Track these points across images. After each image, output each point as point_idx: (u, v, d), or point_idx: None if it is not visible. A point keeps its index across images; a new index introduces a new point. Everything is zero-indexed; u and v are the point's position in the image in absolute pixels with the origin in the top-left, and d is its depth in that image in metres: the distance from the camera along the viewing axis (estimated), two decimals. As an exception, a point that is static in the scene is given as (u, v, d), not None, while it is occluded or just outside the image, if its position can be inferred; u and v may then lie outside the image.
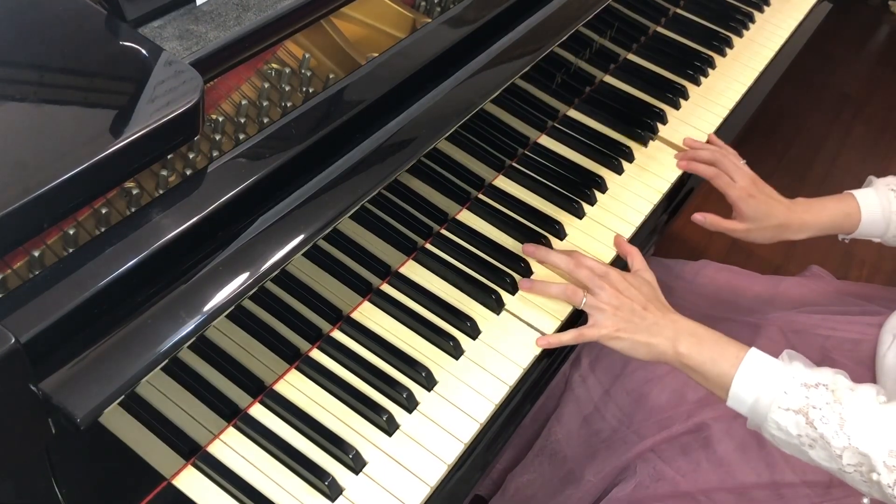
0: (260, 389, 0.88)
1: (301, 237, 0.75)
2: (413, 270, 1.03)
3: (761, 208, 1.14)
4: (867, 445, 0.82)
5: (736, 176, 1.16)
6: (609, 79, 1.36)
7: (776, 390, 0.87)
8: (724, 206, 1.18)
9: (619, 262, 1.11)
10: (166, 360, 0.66)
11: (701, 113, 1.35)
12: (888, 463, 0.81)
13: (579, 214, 1.14)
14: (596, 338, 0.97)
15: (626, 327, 0.96)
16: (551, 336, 0.99)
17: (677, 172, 1.24)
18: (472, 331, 0.98)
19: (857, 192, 1.16)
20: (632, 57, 1.41)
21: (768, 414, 0.87)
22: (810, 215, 1.15)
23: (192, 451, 0.83)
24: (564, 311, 1.02)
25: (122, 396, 0.63)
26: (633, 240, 1.13)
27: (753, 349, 0.91)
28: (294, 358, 0.91)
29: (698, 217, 1.17)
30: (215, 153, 0.79)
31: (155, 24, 0.78)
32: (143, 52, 0.70)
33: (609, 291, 0.98)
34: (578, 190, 1.16)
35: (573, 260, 1.02)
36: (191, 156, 0.77)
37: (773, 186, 1.18)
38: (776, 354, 0.93)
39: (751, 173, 1.17)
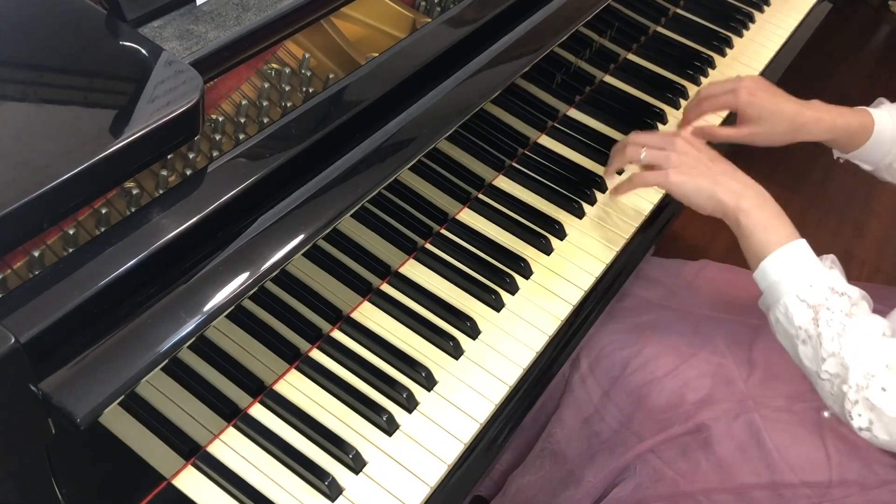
0: (260, 389, 0.88)
1: (301, 237, 0.75)
2: (413, 270, 1.03)
3: (766, 107, 1.10)
4: (851, 359, 0.86)
5: (728, 85, 1.13)
6: (609, 79, 1.36)
7: (803, 281, 0.89)
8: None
9: (621, 261, 1.11)
10: (166, 360, 0.66)
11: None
12: (860, 383, 0.85)
13: (579, 214, 1.14)
14: (659, 180, 1.00)
15: (691, 170, 0.98)
16: (615, 182, 1.08)
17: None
18: (472, 331, 0.98)
19: (871, 109, 1.14)
20: (632, 57, 1.41)
21: (783, 297, 0.90)
22: (828, 115, 1.12)
23: (192, 451, 0.83)
24: (564, 311, 1.02)
25: (122, 396, 0.63)
26: (634, 239, 1.13)
27: (804, 241, 0.93)
28: (294, 358, 0.91)
29: (696, 132, 1.14)
30: (215, 153, 0.79)
31: (155, 24, 0.78)
32: (143, 52, 0.70)
33: (678, 140, 1.00)
34: (578, 190, 1.16)
35: (635, 133, 1.07)
36: (191, 156, 0.77)
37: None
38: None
39: (755, 77, 1.14)
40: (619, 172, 1.16)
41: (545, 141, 1.24)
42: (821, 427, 1.04)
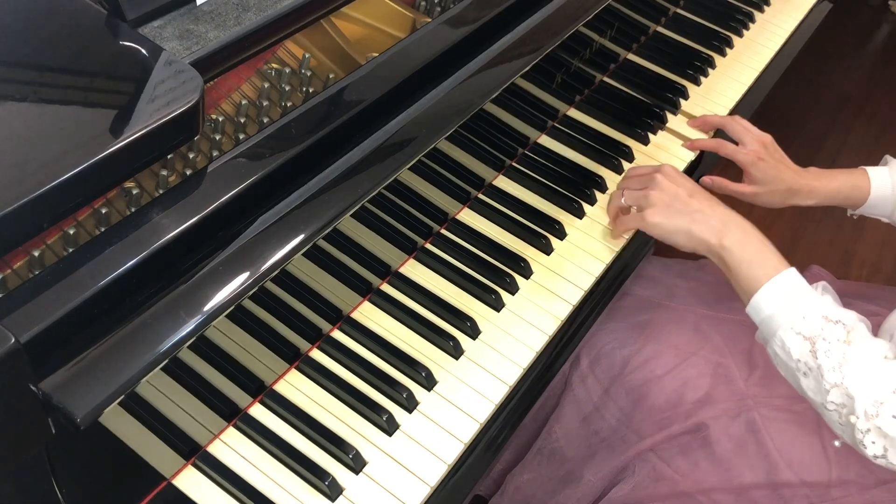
0: (260, 389, 0.88)
1: (301, 237, 0.75)
2: (413, 270, 1.03)
3: (770, 172, 1.15)
4: (856, 389, 0.84)
5: (745, 139, 1.19)
6: (609, 79, 1.36)
7: (796, 313, 0.89)
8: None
9: (622, 261, 1.11)
10: (166, 360, 0.66)
11: (701, 113, 1.35)
12: (869, 411, 0.83)
13: (579, 214, 1.14)
14: (636, 225, 1.03)
15: (665, 211, 0.99)
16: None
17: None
18: (472, 330, 0.98)
19: (870, 169, 1.18)
20: (632, 57, 1.41)
21: (778, 331, 0.90)
22: (820, 182, 1.16)
23: (192, 451, 0.83)
24: (564, 311, 1.02)
25: (122, 396, 0.63)
26: (634, 239, 1.13)
27: (793, 269, 0.93)
28: (294, 358, 0.91)
29: (706, 180, 1.20)
30: (215, 153, 0.79)
31: (155, 24, 0.78)
32: (143, 52, 0.70)
33: (656, 177, 1.02)
34: (578, 190, 1.16)
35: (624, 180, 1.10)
36: (191, 156, 0.77)
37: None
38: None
39: (762, 137, 1.19)
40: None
41: (545, 141, 1.24)
42: (820, 427, 1.04)
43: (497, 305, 1.01)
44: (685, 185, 1.01)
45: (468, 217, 1.10)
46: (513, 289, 1.03)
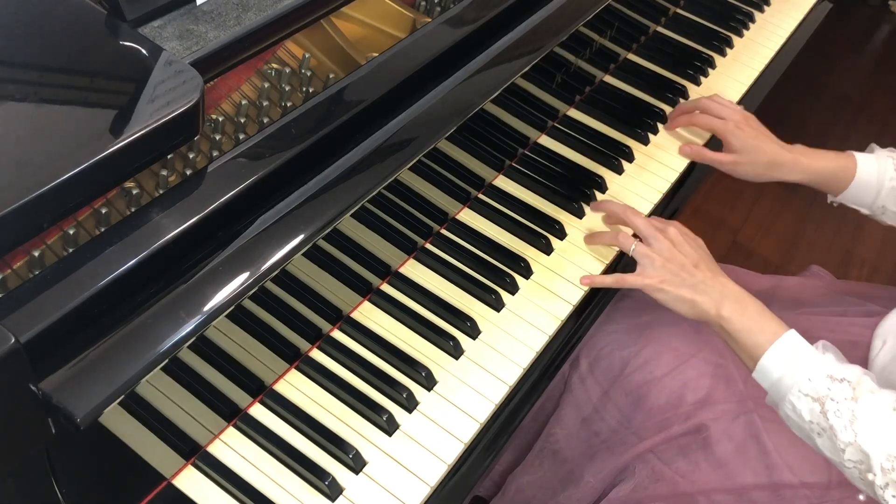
0: (260, 389, 0.88)
1: (301, 237, 0.75)
2: (413, 270, 1.03)
3: (750, 141, 1.16)
4: (870, 445, 0.84)
5: (724, 112, 1.19)
6: (609, 79, 1.36)
7: (801, 375, 0.89)
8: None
9: (619, 260, 1.11)
10: (166, 360, 0.66)
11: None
12: (884, 466, 0.83)
13: (579, 214, 1.14)
14: (639, 286, 1.00)
15: (672, 280, 0.98)
16: (595, 276, 1.04)
17: (677, 172, 1.24)
18: (472, 330, 0.98)
19: (857, 154, 1.17)
20: (632, 57, 1.41)
21: (787, 395, 0.90)
22: (806, 158, 1.16)
23: (192, 451, 0.83)
24: (564, 311, 1.02)
25: (122, 396, 0.63)
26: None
27: (793, 331, 0.93)
28: (294, 358, 0.91)
29: (685, 149, 1.22)
30: (215, 153, 0.79)
31: (155, 24, 0.78)
32: (143, 52, 0.70)
33: (664, 243, 1.00)
34: (578, 190, 1.16)
35: (631, 209, 1.07)
36: (191, 156, 0.77)
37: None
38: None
39: (744, 113, 1.20)
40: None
41: (545, 141, 1.24)
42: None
43: (497, 305, 1.01)
44: (691, 253, 1.00)
45: (468, 217, 1.10)
46: (513, 289, 1.03)
